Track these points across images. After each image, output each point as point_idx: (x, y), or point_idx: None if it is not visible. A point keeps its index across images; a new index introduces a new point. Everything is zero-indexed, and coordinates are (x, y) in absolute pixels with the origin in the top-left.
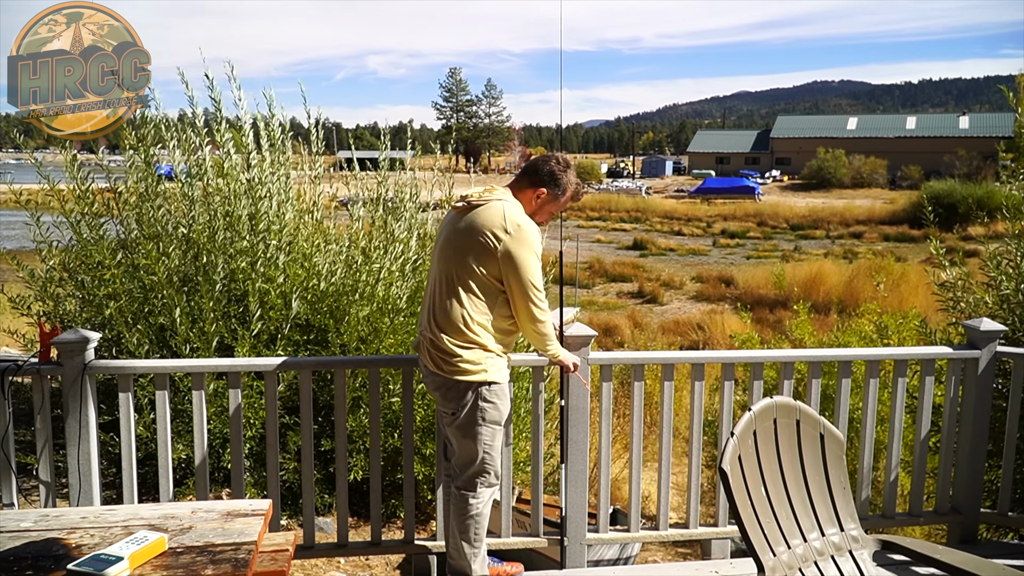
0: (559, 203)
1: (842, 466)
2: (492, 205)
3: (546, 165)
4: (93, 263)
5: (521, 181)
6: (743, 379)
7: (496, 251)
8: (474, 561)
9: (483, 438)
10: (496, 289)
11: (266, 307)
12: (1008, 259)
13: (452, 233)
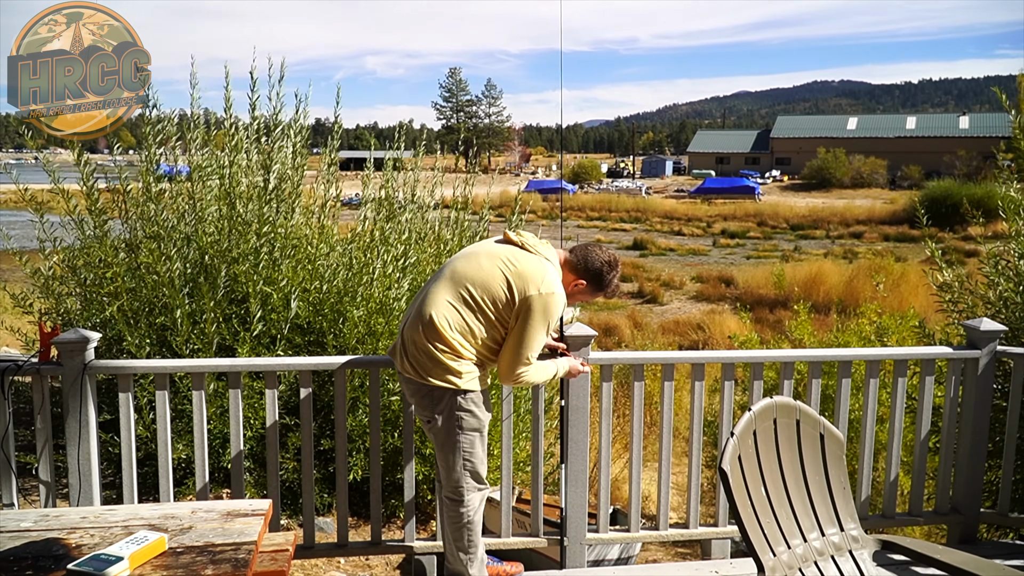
0: (592, 297)
1: (842, 466)
2: (540, 261)
3: (597, 263)
4: (95, 261)
5: (570, 262)
6: (743, 379)
7: (519, 299)
8: (471, 566)
9: (462, 446)
10: (496, 322)
11: (267, 309)
12: (1008, 259)
13: (486, 257)
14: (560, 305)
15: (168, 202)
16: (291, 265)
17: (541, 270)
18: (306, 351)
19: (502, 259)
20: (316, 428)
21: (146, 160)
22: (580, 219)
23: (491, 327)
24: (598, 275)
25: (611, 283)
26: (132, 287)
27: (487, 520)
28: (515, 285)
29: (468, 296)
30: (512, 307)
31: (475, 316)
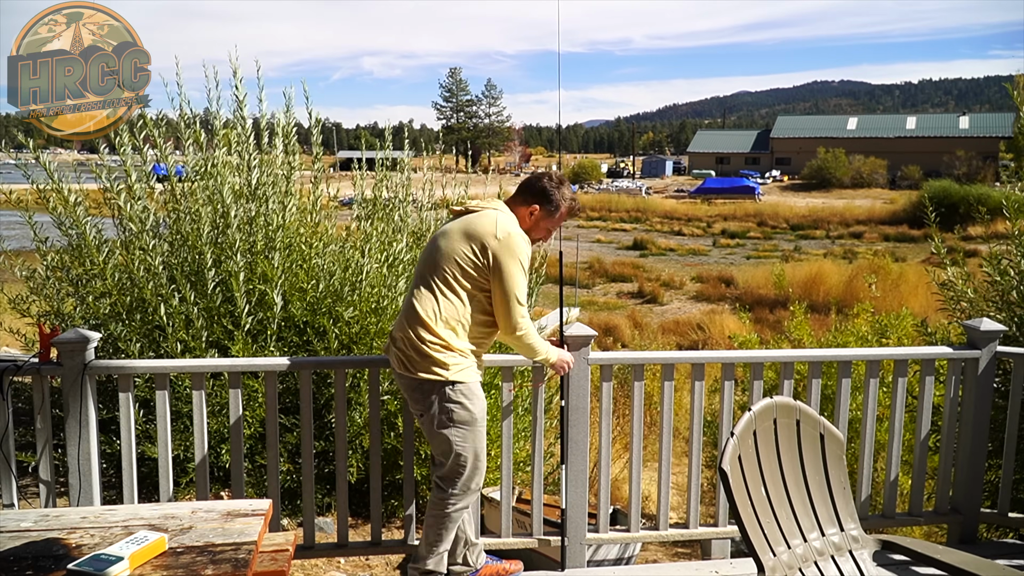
0: (554, 219)
1: (842, 466)
2: (486, 213)
3: (539, 182)
4: (83, 261)
5: (516, 198)
6: (743, 379)
7: (484, 256)
8: (430, 557)
9: (454, 439)
10: (475, 291)
11: (264, 308)
12: (1009, 259)
13: (443, 235)
14: (522, 241)
15: (159, 199)
16: (282, 263)
17: (491, 218)
18: (304, 351)
19: (456, 231)
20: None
21: (126, 157)
22: (580, 219)
23: (476, 300)
24: (542, 192)
25: (561, 197)
26: (123, 286)
27: (487, 520)
28: (475, 246)
29: (443, 281)
30: (484, 268)
31: (458, 298)
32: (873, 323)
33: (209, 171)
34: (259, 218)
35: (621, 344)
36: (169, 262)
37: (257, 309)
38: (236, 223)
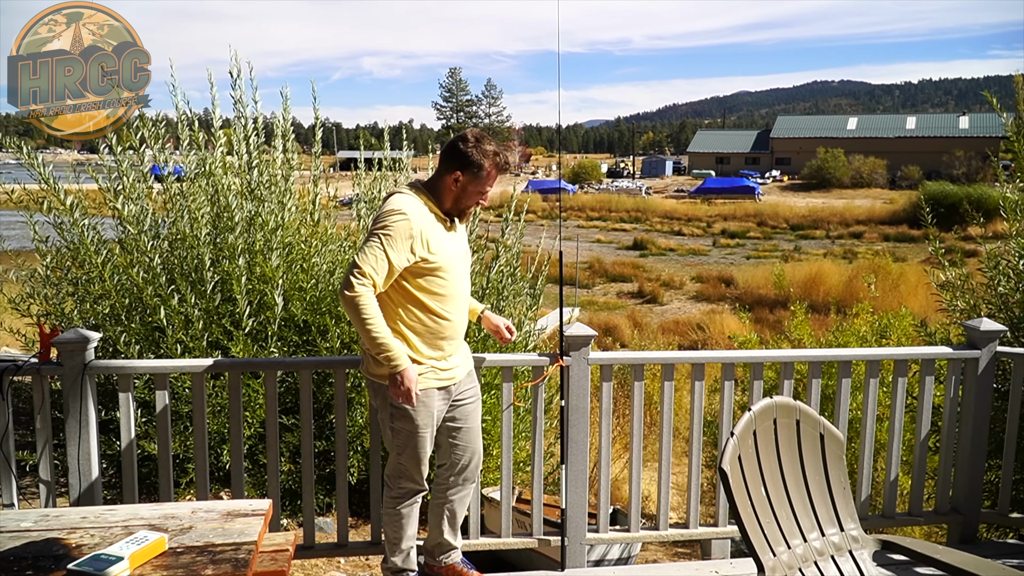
0: (482, 181)
1: (842, 466)
2: (387, 198)
3: (455, 147)
4: (82, 263)
5: (439, 168)
6: (743, 379)
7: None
8: (393, 553)
9: (396, 438)
10: (400, 281)
11: (264, 308)
12: (1007, 260)
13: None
14: (394, 216)
15: (156, 199)
16: (282, 262)
17: (386, 200)
18: (305, 350)
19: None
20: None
21: (122, 158)
22: (580, 219)
23: (401, 290)
24: (461, 156)
25: (482, 155)
26: (121, 287)
27: (487, 520)
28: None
29: (375, 280)
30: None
31: (386, 294)
32: (873, 323)
33: (208, 171)
34: (257, 218)
35: (621, 344)
36: (168, 263)
37: (258, 310)
38: (237, 225)
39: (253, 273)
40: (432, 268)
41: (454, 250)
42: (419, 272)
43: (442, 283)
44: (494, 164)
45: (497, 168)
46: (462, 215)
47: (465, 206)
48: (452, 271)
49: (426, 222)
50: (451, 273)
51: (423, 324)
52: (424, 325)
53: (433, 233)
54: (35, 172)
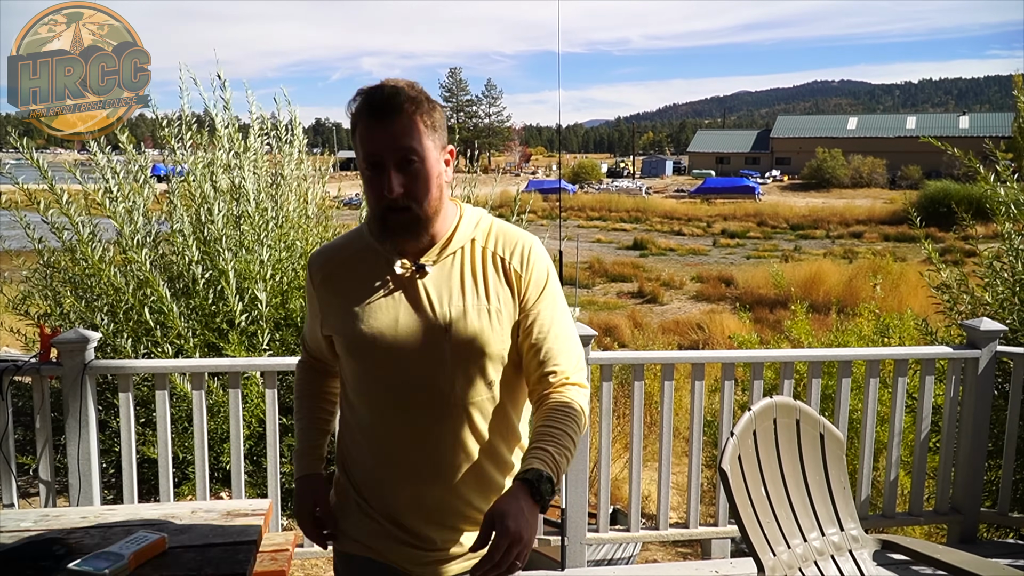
0: (357, 144)
1: (842, 466)
2: None
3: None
4: (76, 262)
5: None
6: (743, 379)
7: None
8: None
9: None
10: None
11: (263, 306)
12: (1005, 260)
13: None
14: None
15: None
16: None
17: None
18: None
19: None
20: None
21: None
22: (580, 219)
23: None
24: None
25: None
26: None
27: None
28: None
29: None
30: None
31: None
32: (876, 323)
33: (203, 171)
34: (245, 214)
35: (621, 344)
36: (159, 262)
37: (251, 307)
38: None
39: (249, 272)
40: (342, 346)
41: (391, 314)
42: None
43: (356, 367)
44: (354, 123)
45: (359, 117)
46: (407, 233)
47: (379, 212)
48: (375, 350)
49: (338, 269)
50: (373, 353)
51: (349, 425)
52: (350, 428)
53: (346, 285)
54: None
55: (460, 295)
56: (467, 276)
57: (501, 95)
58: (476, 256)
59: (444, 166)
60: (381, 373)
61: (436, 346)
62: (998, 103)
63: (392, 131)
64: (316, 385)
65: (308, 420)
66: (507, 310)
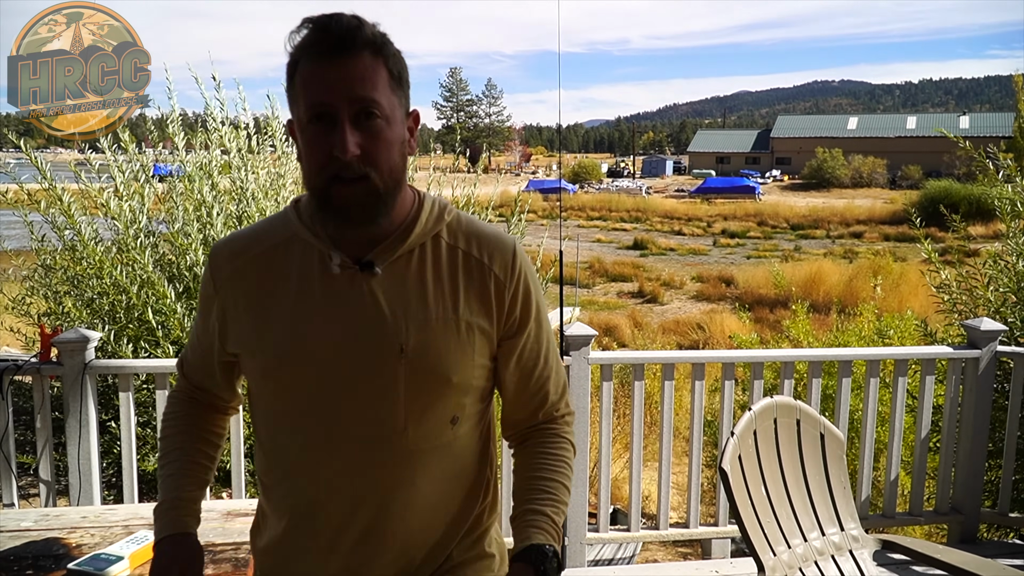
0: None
1: (842, 466)
2: None
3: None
4: (78, 261)
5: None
6: (743, 379)
7: None
8: None
9: None
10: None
11: None
12: (1006, 259)
13: None
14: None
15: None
16: None
17: None
18: None
19: None
20: None
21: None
22: (580, 219)
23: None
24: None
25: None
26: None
27: None
28: None
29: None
30: None
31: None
32: (876, 323)
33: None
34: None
35: (621, 344)
36: (160, 262)
37: None
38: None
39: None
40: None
41: (325, 328)
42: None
43: (272, 400)
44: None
45: (305, 52)
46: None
47: (322, 183)
48: (302, 377)
49: (252, 265)
50: (299, 380)
51: (262, 461)
52: (263, 463)
53: (263, 288)
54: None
55: (421, 305)
56: (431, 281)
57: (501, 95)
58: (443, 256)
59: (407, 133)
60: (309, 408)
61: (386, 373)
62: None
63: (351, 73)
64: (197, 422)
65: (181, 465)
66: (484, 328)
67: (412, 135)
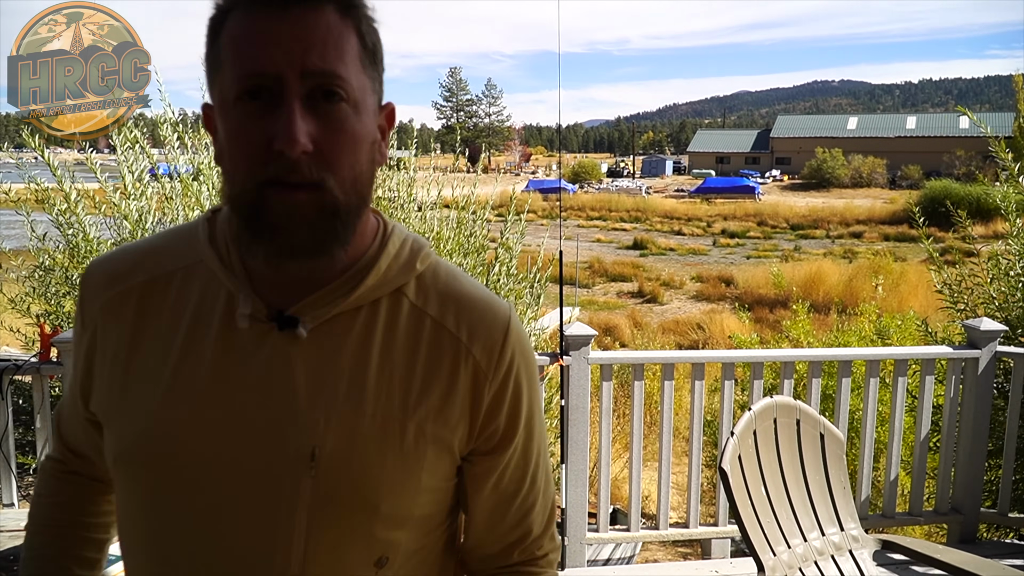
0: (236, 58)
1: (842, 466)
2: None
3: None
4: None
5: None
6: (743, 379)
7: None
8: None
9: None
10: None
11: None
12: (1007, 259)
13: None
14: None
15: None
16: None
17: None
18: None
19: None
20: None
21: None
22: (580, 219)
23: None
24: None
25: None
26: None
27: None
28: None
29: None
30: None
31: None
32: (876, 323)
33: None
34: None
35: (621, 344)
36: None
37: None
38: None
39: None
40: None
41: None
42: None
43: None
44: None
45: (229, 4)
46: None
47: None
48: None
49: (133, 298)
50: (163, 476)
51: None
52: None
53: (143, 332)
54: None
55: (355, 392)
56: (376, 357)
57: (501, 95)
58: (402, 322)
59: (379, 135)
60: (163, 527)
61: (283, 489)
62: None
63: (307, 34)
64: (72, 505)
65: (53, 568)
66: (444, 439)
67: (384, 137)
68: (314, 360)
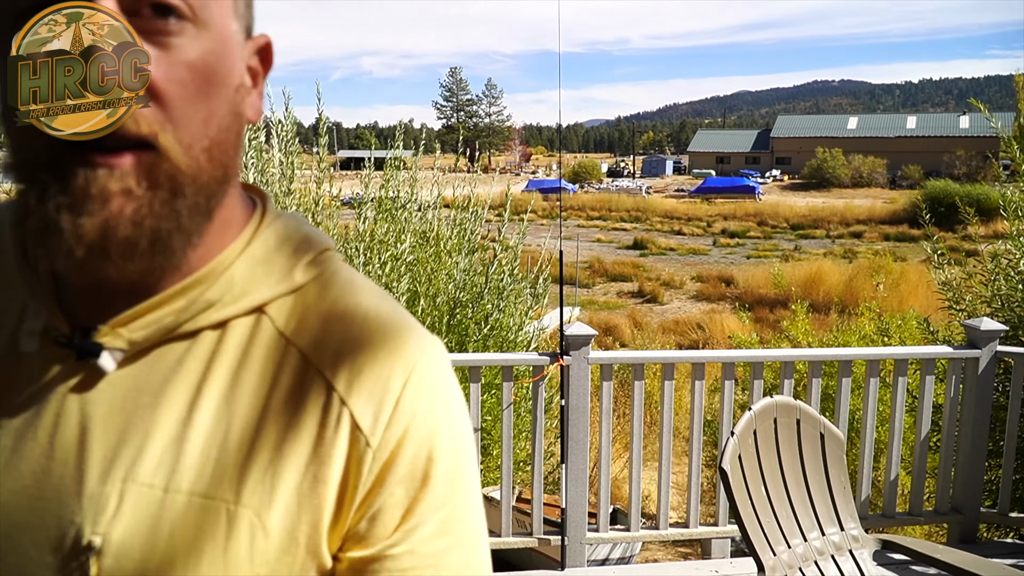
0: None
1: (842, 465)
2: None
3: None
4: None
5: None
6: (743, 379)
7: None
8: None
9: None
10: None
11: None
12: (1008, 258)
13: None
14: None
15: None
16: None
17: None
18: None
19: None
20: None
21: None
22: (580, 219)
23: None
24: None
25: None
26: None
27: (487, 520)
28: None
29: None
30: None
31: None
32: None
33: None
34: None
35: (621, 344)
36: None
37: None
38: None
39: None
40: None
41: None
42: None
43: None
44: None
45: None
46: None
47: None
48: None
49: None
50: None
51: None
52: None
53: None
54: None
55: (171, 459)
56: (211, 407)
57: (501, 95)
58: (257, 354)
59: (248, 78)
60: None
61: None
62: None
63: None
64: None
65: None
66: (300, 529)
67: (256, 82)
68: (120, 406)
